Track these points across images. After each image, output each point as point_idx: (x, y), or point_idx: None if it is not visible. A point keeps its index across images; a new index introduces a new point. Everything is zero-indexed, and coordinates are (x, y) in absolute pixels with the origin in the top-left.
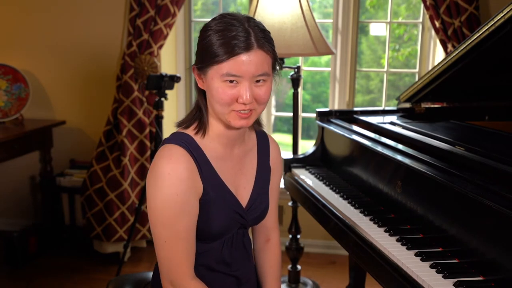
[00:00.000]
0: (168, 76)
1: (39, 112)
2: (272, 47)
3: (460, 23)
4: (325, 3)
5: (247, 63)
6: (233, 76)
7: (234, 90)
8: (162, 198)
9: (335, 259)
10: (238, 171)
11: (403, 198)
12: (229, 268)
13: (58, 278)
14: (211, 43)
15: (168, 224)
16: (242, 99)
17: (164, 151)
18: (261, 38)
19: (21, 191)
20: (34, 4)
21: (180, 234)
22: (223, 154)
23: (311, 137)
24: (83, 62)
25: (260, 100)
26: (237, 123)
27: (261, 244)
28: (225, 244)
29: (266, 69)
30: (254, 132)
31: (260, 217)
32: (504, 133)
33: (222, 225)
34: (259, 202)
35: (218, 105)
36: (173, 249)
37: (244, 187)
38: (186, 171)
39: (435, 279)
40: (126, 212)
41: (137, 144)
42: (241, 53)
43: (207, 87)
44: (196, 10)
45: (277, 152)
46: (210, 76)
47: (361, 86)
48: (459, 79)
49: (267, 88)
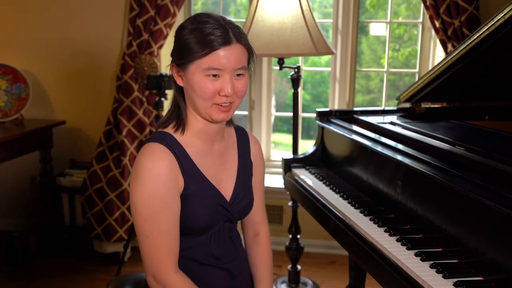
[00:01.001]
0: (168, 76)
1: (39, 112)
2: (248, 42)
3: (460, 23)
4: (325, 3)
5: (227, 57)
6: (215, 70)
7: (216, 83)
8: (143, 193)
9: (335, 259)
10: (219, 166)
11: (403, 198)
12: (219, 261)
13: (58, 278)
14: (191, 39)
15: (150, 218)
16: (224, 92)
17: (145, 149)
18: (238, 33)
19: (21, 191)
20: (34, 4)
21: (162, 228)
22: (203, 150)
23: (311, 137)
24: (83, 62)
25: (239, 93)
26: (219, 116)
27: (250, 239)
28: (212, 238)
29: (244, 63)
30: (232, 129)
31: (245, 211)
32: (504, 133)
33: (206, 218)
34: (242, 196)
35: (200, 99)
36: (155, 244)
37: (227, 181)
38: (167, 167)
39: (435, 279)
40: (126, 212)
41: (137, 144)
42: (222, 47)
43: (188, 83)
44: (196, 10)
45: (258, 147)
46: (191, 72)
47: (361, 86)
48: (459, 79)
49: (245, 82)
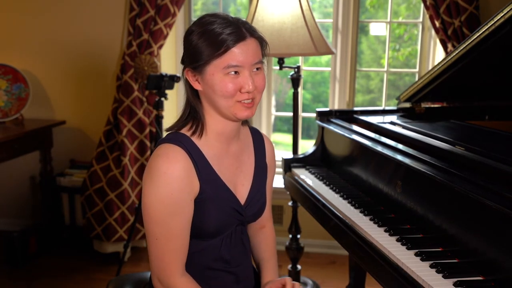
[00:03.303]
0: (168, 76)
1: (39, 112)
2: (260, 34)
3: (460, 22)
4: (325, 3)
5: (245, 52)
6: (235, 67)
7: (236, 81)
8: (157, 196)
9: (335, 259)
10: (236, 169)
11: (403, 198)
12: (228, 265)
13: (58, 278)
14: (202, 41)
15: (161, 222)
16: (246, 88)
17: (161, 150)
18: (249, 28)
19: (21, 191)
20: (34, 4)
21: (172, 232)
22: (220, 152)
23: (311, 137)
24: (83, 62)
25: (260, 87)
26: (243, 114)
27: (255, 230)
28: (224, 242)
29: (260, 56)
30: (248, 129)
31: (258, 214)
32: (504, 133)
33: (220, 222)
34: (257, 199)
35: (222, 99)
36: (164, 247)
37: (243, 184)
38: (183, 170)
39: (435, 278)
40: (126, 212)
41: (137, 144)
42: (237, 43)
43: (207, 85)
44: (196, 10)
45: (272, 149)
46: (209, 73)
47: (361, 86)
48: (459, 79)
49: (263, 76)
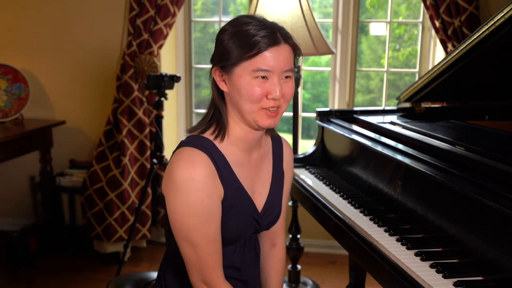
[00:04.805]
0: (168, 76)
1: (39, 112)
2: (295, 42)
3: (460, 22)
4: (325, 3)
5: (276, 58)
6: (264, 71)
7: (264, 86)
8: (188, 204)
9: (335, 259)
10: (254, 176)
11: (403, 198)
12: (238, 273)
13: (58, 278)
14: (235, 41)
15: (198, 229)
16: (272, 95)
17: (183, 154)
18: (285, 34)
19: (21, 191)
20: (34, 4)
21: (210, 238)
22: (241, 159)
23: (311, 137)
24: (83, 62)
25: (287, 96)
26: (265, 122)
27: (267, 249)
28: (237, 249)
29: (292, 65)
30: (269, 137)
31: (273, 222)
32: (504, 133)
33: (238, 230)
34: (273, 207)
35: (247, 102)
36: (206, 253)
37: (260, 192)
38: (209, 176)
39: (435, 278)
40: (126, 212)
41: (137, 144)
42: (270, 48)
43: (233, 87)
44: (196, 10)
45: (290, 155)
46: (238, 74)
47: (361, 85)
48: (459, 79)
49: (292, 85)
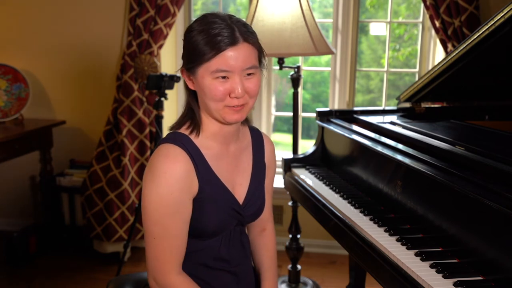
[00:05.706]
0: (168, 76)
1: (39, 112)
2: (257, 40)
3: (460, 22)
4: (325, 3)
5: (235, 58)
6: (223, 72)
7: (226, 85)
8: (157, 196)
9: (335, 259)
10: (234, 168)
11: (403, 198)
12: (228, 265)
13: (58, 278)
14: (197, 42)
15: (160, 221)
16: (235, 93)
17: (161, 150)
18: (245, 32)
19: (21, 191)
20: (34, 4)
21: (170, 232)
22: (219, 152)
23: (311, 137)
24: (83, 62)
25: (251, 92)
26: (232, 118)
27: (256, 233)
28: (223, 242)
29: (254, 62)
30: (247, 129)
31: (257, 214)
32: (504, 133)
33: (218, 222)
34: (255, 199)
35: (211, 102)
36: (161, 246)
37: (241, 184)
38: (183, 171)
39: (435, 278)
40: (126, 212)
41: (137, 144)
42: (228, 48)
43: (198, 86)
44: (196, 10)
45: (272, 149)
46: (200, 75)
47: (361, 85)
48: (459, 79)
49: (256, 81)
